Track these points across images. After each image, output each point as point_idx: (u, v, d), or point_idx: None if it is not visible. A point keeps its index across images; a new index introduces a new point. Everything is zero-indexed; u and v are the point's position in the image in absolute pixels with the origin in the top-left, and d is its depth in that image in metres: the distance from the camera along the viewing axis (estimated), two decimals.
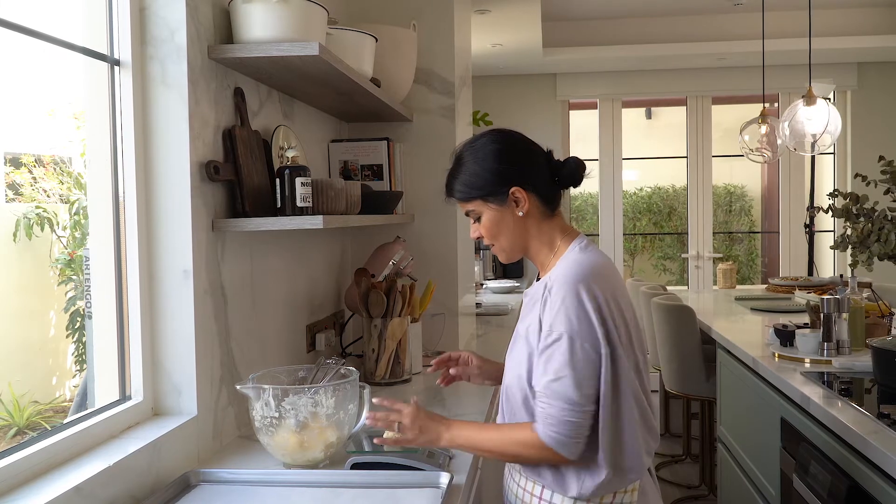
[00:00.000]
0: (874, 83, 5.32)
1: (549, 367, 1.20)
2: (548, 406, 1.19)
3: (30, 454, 1.13)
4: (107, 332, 1.41)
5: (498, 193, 1.30)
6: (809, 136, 3.43)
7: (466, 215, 1.37)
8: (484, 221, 1.33)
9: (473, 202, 1.32)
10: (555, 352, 1.19)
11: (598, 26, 5.13)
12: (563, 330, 1.19)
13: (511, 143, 1.34)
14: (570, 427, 1.18)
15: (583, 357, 1.18)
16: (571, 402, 1.17)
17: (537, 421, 1.21)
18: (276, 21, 1.48)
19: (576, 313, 1.19)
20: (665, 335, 3.30)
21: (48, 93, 1.86)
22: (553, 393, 1.18)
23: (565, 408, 1.18)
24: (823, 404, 1.73)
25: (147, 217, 1.42)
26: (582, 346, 1.18)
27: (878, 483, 1.43)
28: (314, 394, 1.36)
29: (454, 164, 1.36)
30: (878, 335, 2.19)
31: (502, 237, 1.33)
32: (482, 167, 1.31)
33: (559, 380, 1.18)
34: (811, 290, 3.85)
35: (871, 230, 2.35)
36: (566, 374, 1.18)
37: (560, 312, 1.20)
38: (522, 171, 1.31)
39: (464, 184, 1.33)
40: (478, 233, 1.36)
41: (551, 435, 1.18)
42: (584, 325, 1.19)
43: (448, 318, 2.48)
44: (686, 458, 3.97)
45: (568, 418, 1.18)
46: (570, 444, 1.18)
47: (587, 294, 1.20)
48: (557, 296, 1.21)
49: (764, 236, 7.78)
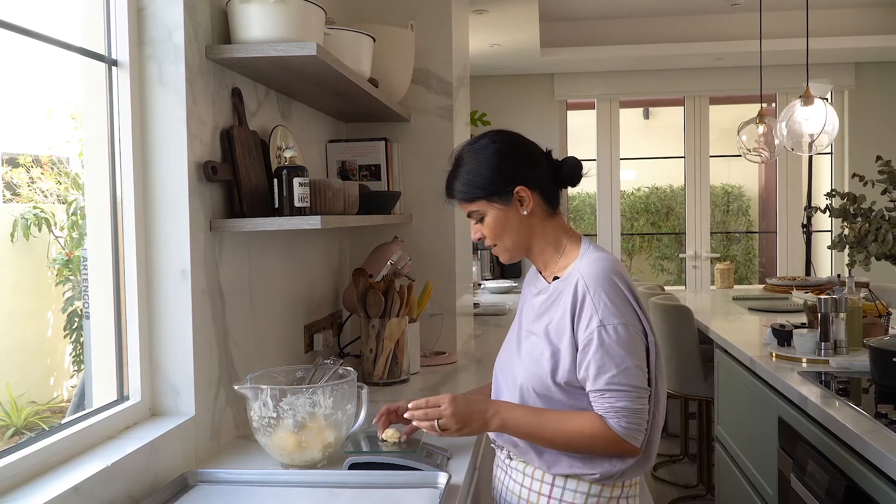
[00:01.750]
0: (872, 83, 5.34)
1: (607, 361, 1.20)
2: (616, 400, 1.20)
3: (28, 454, 1.13)
4: (105, 333, 1.41)
5: (502, 193, 1.30)
6: (807, 136, 3.44)
7: (468, 216, 1.36)
8: (488, 221, 1.32)
9: (477, 202, 1.32)
10: (612, 345, 1.20)
11: (596, 26, 5.14)
12: (618, 320, 1.21)
13: (512, 143, 1.34)
14: (641, 415, 1.21)
15: (638, 344, 1.22)
16: (639, 389, 1.21)
17: (605, 417, 1.21)
18: (273, 21, 1.49)
19: (622, 305, 1.22)
20: (663, 335, 3.31)
21: (46, 93, 1.86)
22: (621, 385, 1.20)
23: (635, 397, 1.20)
24: (821, 404, 1.74)
25: (145, 217, 1.42)
26: (635, 334, 1.22)
27: (875, 482, 1.44)
28: (312, 394, 1.36)
29: (454, 165, 1.36)
30: (875, 335, 2.19)
31: (506, 237, 1.33)
32: (485, 167, 1.31)
33: (623, 371, 1.20)
34: (808, 289, 3.86)
35: (869, 230, 2.35)
36: (629, 364, 1.20)
37: (607, 306, 1.21)
38: (525, 170, 1.32)
39: (466, 184, 1.32)
40: (480, 234, 1.35)
41: (625, 427, 1.20)
42: (631, 315, 1.23)
43: (446, 318, 2.49)
44: (684, 457, 3.97)
45: (638, 406, 1.21)
46: (641, 433, 1.22)
47: (625, 287, 1.24)
48: (599, 291, 1.23)
49: (761, 236, 7.80)
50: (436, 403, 1.28)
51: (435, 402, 1.29)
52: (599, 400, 1.22)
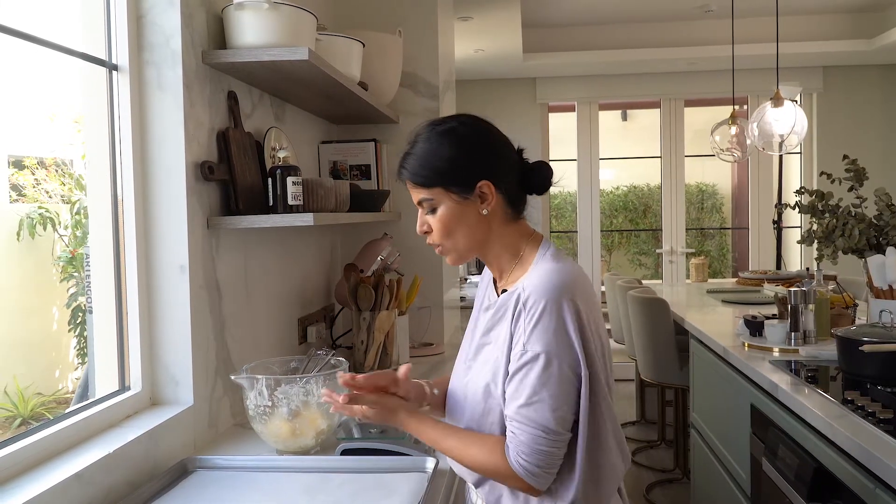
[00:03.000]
0: (839, 86, 5.44)
1: (521, 389, 1.04)
2: (519, 432, 1.04)
3: (33, 442, 1.15)
4: (107, 326, 1.44)
5: (463, 184, 1.11)
6: (777, 137, 3.50)
7: (418, 205, 1.15)
8: (441, 214, 1.12)
9: (432, 189, 1.12)
10: (529, 372, 1.04)
11: (576, 32, 5.21)
12: (541, 349, 1.03)
13: (483, 132, 1.15)
14: (543, 457, 1.03)
15: (561, 379, 1.03)
16: (546, 429, 1.03)
17: (508, 446, 1.06)
18: (267, 27, 1.52)
19: (555, 330, 1.03)
20: (640, 326, 3.35)
21: (49, 98, 1.87)
22: (526, 419, 1.03)
23: (539, 436, 1.03)
24: (791, 391, 1.75)
25: (145, 216, 1.44)
26: (560, 366, 1.03)
27: (842, 465, 1.45)
28: (305, 383, 1.38)
29: (414, 142, 1.15)
30: (842, 325, 2.22)
31: (459, 235, 1.13)
32: (449, 152, 1.11)
33: (533, 404, 1.03)
34: (779, 282, 3.89)
35: (836, 226, 2.38)
36: (541, 399, 1.03)
37: (538, 329, 1.04)
38: (492, 165, 1.13)
39: (425, 166, 1.12)
40: (427, 226, 1.15)
41: (522, 464, 1.04)
42: (563, 343, 1.03)
43: (433, 311, 2.52)
44: (661, 443, 4.06)
45: (541, 447, 1.03)
46: (540, 476, 1.04)
47: (569, 308, 1.04)
48: (534, 310, 1.04)
49: (734, 232, 7.95)
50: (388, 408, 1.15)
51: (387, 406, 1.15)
52: (508, 426, 1.06)
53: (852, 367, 1.83)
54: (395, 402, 1.16)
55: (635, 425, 4.47)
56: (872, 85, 5.45)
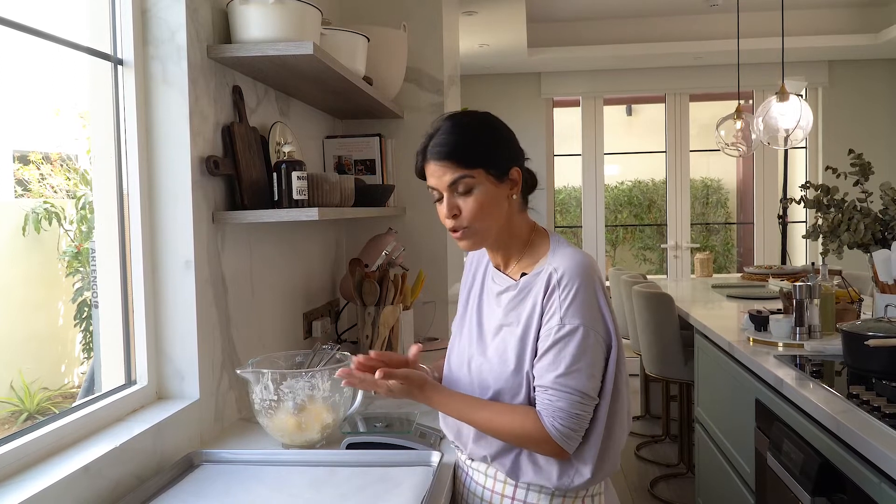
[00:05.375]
0: (844, 80, 5.43)
1: (559, 360, 1.13)
2: (556, 399, 1.12)
3: (40, 436, 1.15)
4: (113, 321, 1.44)
5: (500, 167, 1.17)
6: (782, 131, 3.49)
7: (451, 186, 1.16)
8: (477, 195, 1.16)
9: (475, 170, 1.15)
10: (568, 344, 1.13)
11: (581, 27, 5.20)
12: (579, 322, 1.13)
13: (505, 126, 1.24)
14: (578, 420, 1.13)
15: (596, 349, 1.14)
16: (583, 395, 1.13)
17: (542, 414, 1.14)
18: (272, 22, 1.52)
19: (590, 305, 1.14)
20: (645, 321, 3.36)
21: (54, 93, 1.87)
22: (565, 387, 1.12)
23: (577, 401, 1.12)
24: (796, 386, 1.76)
25: (150, 210, 1.45)
26: (596, 338, 1.14)
27: (848, 460, 1.45)
28: (311, 378, 1.39)
29: (448, 128, 1.17)
30: (847, 320, 2.22)
31: (490, 219, 1.18)
32: (491, 136, 1.19)
33: (572, 373, 1.12)
34: (784, 277, 3.91)
35: (842, 220, 2.38)
36: (579, 368, 1.12)
37: (574, 304, 1.14)
38: (520, 155, 1.23)
39: (468, 147, 1.15)
40: (456, 209, 1.17)
41: (558, 428, 1.12)
42: (597, 317, 1.15)
43: (438, 306, 2.53)
44: (665, 438, 4.06)
45: (577, 411, 1.12)
46: (572, 438, 1.13)
47: (599, 287, 1.16)
48: (569, 287, 1.14)
49: (739, 227, 7.94)
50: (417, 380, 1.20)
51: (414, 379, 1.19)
52: (541, 396, 1.14)
53: (857, 361, 1.83)
54: (422, 377, 1.21)
55: (640, 420, 4.47)
56: (878, 79, 5.43)
